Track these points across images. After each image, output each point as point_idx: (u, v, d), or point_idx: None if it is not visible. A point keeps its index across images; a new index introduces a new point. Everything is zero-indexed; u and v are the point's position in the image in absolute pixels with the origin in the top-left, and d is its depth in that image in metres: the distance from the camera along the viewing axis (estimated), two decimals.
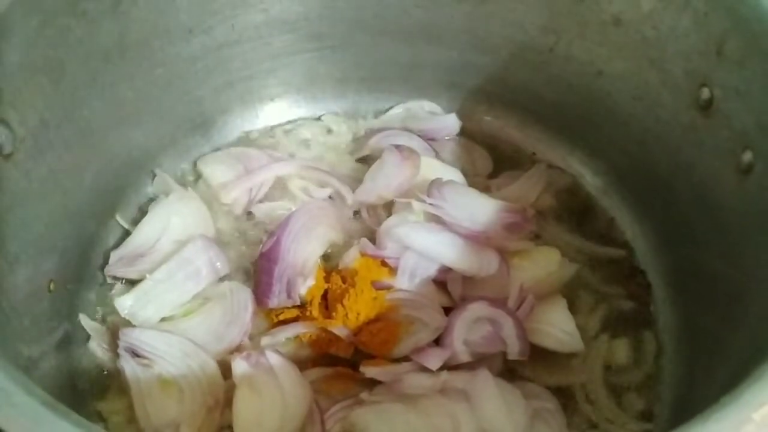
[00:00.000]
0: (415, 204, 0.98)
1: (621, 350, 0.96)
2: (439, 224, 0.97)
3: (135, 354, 0.89)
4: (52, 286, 0.88)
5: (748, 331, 0.78)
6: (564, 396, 0.91)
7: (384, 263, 0.96)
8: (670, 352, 0.95)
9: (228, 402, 0.87)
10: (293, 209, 1.04)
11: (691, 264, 0.95)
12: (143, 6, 0.93)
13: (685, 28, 0.87)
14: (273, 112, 1.18)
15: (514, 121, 1.17)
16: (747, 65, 0.80)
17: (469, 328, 0.90)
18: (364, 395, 0.87)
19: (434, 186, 1.00)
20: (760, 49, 0.78)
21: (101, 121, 0.94)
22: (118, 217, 1.03)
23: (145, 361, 0.89)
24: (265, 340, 0.93)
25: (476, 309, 0.91)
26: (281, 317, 0.94)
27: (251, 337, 0.94)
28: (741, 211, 0.83)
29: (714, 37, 0.84)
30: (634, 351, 0.96)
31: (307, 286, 0.95)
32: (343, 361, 0.92)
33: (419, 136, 1.15)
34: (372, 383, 0.88)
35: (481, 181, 1.10)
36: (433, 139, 1.16)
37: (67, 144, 0.89)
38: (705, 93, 0.87)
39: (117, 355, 0.89)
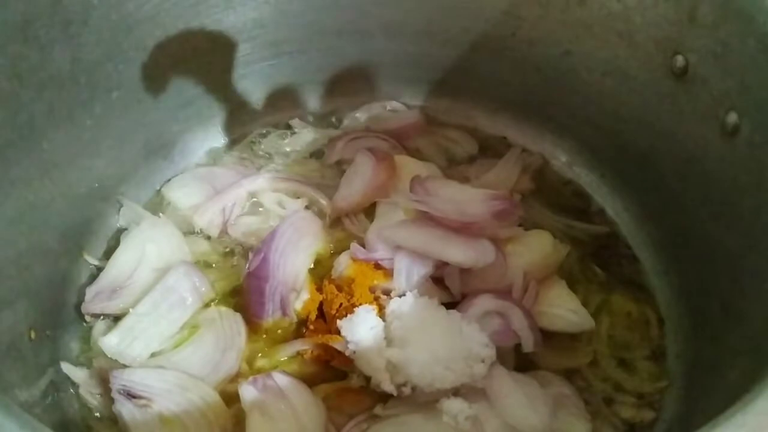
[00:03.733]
0: (401, 202, 0.96)
1: (623, 324, 0.96)
2: (427, 220, 0.94)
3: (130, 395, 0.83)
4: (32, 335, 0.82)
5: (756, 291, 0.79)
6: (573, 379, 0.90)
7: (378, 266, 0.93)
8: (673, 319, 0.95)
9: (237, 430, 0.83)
10: (271, 224, 1.01)
11: (681, 232, 0.95)
12: (94, 26, 0.88)
13: None
14: (234, 125, 1.13)
15: (480, 109, 1.15)
16: (722, 28, 0.81)
17: (479, 323, 0.88)
18: (378, 410, 0.84)
19: (416, 182, 0.98)
20: (734, 10, 0.79)
21: (62, 152, 0.89)
22: (86, 256, 0.97)
23: (143, 402, 0.83)
24: (262, 362, 0.89)
25: (482, 303, 0.89)
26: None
27: (248, 361, 0.90)
28: (731, 173, 0.83)
29: (685, 5, 0.84)
30: (638, 325, 0.96)
31: (302, 300, 0.91)
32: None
33: (386, 135, 1.13)
34: (384, 395, 0.85)
35: (461, 171, 1.09)
36: (399, 137, 1.14)
37: (29, 181, 0.83)
38: (679, 61, 0.88)
39: (111, 399, 0.83)
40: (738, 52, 0.80)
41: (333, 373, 0.88)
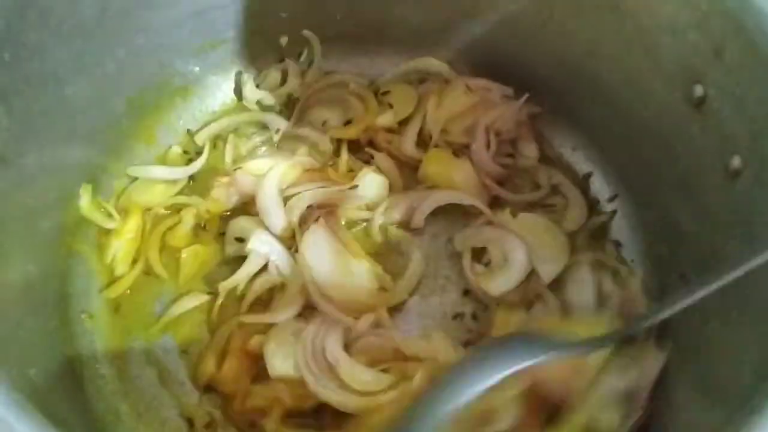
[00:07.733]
0: None
1: None
2: None
3: None
4: None
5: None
6: None
7: None
8: None
9: None
10: None
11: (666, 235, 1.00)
12: None
13: (684, 23, 0.87)
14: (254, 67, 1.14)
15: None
16: (745, 72, 0.80)
17: None
18: None
19: None
20: (759, 59, 0.79)
21: (84, 96, 0.91)
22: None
23: None
24: None
25: None
26: None
27: None
28: (726, 211, 0.86)
29: (713, 39, 0.84)
30: None
31: None
32: None
33: None
34: None
35: None
36: None
37: (53, 127, 0.87)
38: (698, 90, 0.87)
39: None
40: (754, 101, 0.80)
41: None
